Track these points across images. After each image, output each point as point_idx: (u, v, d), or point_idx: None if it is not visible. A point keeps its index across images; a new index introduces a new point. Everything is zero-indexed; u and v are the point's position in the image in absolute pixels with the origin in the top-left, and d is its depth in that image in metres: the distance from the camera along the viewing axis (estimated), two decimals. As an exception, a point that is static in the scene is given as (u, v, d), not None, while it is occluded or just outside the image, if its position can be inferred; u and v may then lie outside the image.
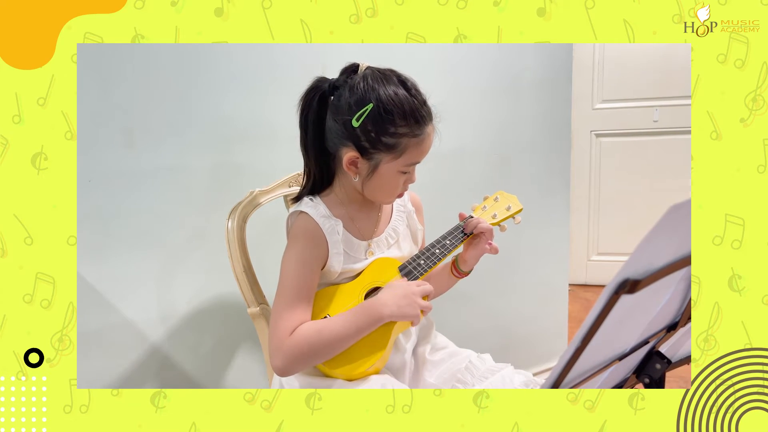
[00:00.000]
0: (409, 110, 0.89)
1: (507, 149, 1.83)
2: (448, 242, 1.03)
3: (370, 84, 0.90)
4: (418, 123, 0.90)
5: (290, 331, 0.90)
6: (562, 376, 0.55)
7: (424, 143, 0.93)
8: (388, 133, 0.89)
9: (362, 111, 0.89)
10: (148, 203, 1.26)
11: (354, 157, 0.93)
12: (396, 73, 0.93)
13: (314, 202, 0.99)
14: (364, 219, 1.03)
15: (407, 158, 0.92)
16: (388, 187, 0.97)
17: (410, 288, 0.93)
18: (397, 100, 0.89)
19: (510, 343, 1.95)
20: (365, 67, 0.93)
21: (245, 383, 1.41)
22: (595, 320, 0.51)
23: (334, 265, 0.97)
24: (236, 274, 1.07)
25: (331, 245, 0.96)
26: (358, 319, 0.90)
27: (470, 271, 1.09)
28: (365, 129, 0.90)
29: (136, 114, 1.23)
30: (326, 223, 0.96)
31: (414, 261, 1.01)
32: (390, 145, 0.90)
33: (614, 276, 0.49)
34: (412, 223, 1.10)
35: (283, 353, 0.89)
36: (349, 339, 0.90)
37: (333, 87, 0.94)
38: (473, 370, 1.02)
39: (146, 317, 1.28)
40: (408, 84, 0.92)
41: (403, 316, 0.91)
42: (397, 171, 0.94)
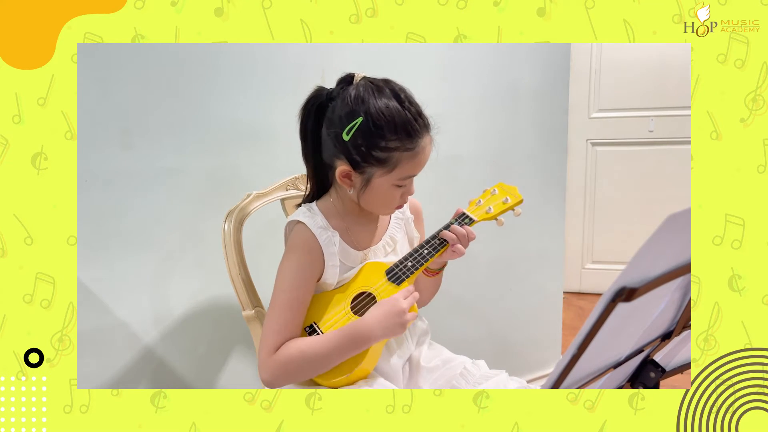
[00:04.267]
0: (400, 123, 0.87)
1: (503, 157, 1.83)
2: (437, 242, 1.01)
3: (361, 96, 0.88)
4: (410, 136, 0.88)
5: (277, 346, 0.90)
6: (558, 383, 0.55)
7: (417, 156, 0.91)
8: (379, 147, 0.88)
9: (352, 125, 0.87)
10: (144, 204, 1.26)
11: (346, 170, 0.92)
12: (390, 84, 0.91)
13: (312, 213, 0.98)
14: (361, 229, 1.02)
15: (401, 172, 0.91)
16: (383, 200, 0.95)
17: (397, 305, 0.92)
18: (387, 114, 0.87)
19: (504, 349, 1.95)
20: (360, 78, 0.92)
21: (240, 386, 1.40)
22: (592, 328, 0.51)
23: (329, 278, 0.97)
24: (232, 277, 1.07)
25: (327, 257, 0.96)
26: (343, 342, 0.90)
27: (441, 268, 1.07)
28: (356, 143, 0.88)
29: (135, 114, 1.22)
30: (323, 235, 0.96)
31: (401, 263, 0.99)
32: (381, 159, 0.89)
33: (611, 284, 0.49)
34: (410, 231, 1.10)
35: (269, 368, 0.90)
36: (333, 359, 0.91)
37: (329, 98, 0.93)
38: (468, 376, 1.02)
39: (141, 318, 1.28)
40: (401, 96, 0.90)
41: (390, 336, 0.92)
42: (391, 185, 0.92)
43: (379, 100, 0.88)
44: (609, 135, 3.05)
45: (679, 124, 2.94)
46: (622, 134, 3.04)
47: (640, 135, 3.01)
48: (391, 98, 0.89)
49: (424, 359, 1.06)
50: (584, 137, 3.08)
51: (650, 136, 2.99)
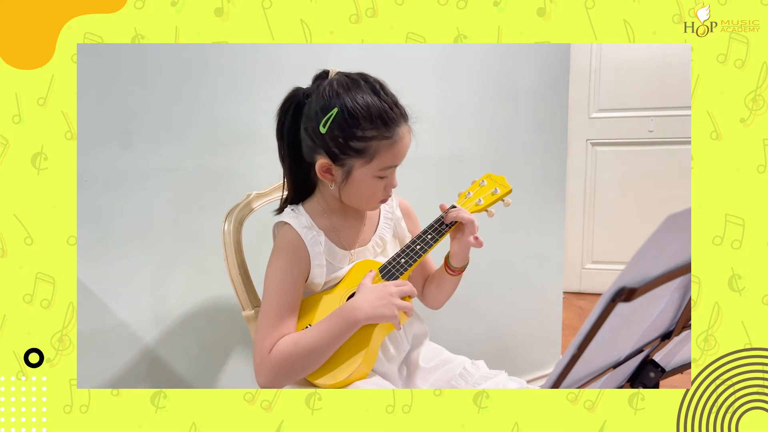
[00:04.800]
0: (375, 112, 0.88)
1: (503, 157, 1.82)
2: (429, 237, 1.00)
3: (335, 89, 0.89)
4: (386, 125, 0.89)
5: (271, 348, 0.90)
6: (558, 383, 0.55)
7: (396, 145, 0.91)
8: (356, 137, 0.88)
9: (328, 116, 0.88)
10: (144, 204, 1.25)
11: (326, 164, 0.92)
12: (365, 76, 0.92)
13: (296, 213, 0.98)
14: (347, 228, 1.02)
15: (380, 162, 0.91)
16: (365, 193, 0.95)
17: (387, 288, 0.91)
18: (362, 103, 0.88)
19: (504, 350, 1.95)
20: (335, 73, 0.93)
21: (240, 386, 1.40)
22: (592, 328, 0.51)
23: (316, 278, 0.97)
24: (231, 277, 1.07)
25: (312, 257, 0.96)
26: (333, 325, 0.90)
27: (464, 266, 1.05)
28: (333, 135, 0.88)
29: (135, 115, 1.22)
30: (308, 234, 0.96)
31: (394, 260, 0.98)
32: (359, 149, 0.89)
33: (611, 284, 0.49)
34: (399, 231, 1.09)
35: (265, 369, 0.90)
36: (326, 347, 0.90)
37: (305, 95, 0.93)
38: (467, 376, 1.01)
39: (140, 318, 1.28)
40: (376, 87, 0.90)
41: (379, 317, 0.90)
42: (372, 176, 0.92)
43: (354, 92, 0.89)
44: (609, 135, 3.05)
45: (679, 124, 2.94)
46: (622, 134, 3.04)
47: (640, 135, 3.01)
48: (365, 89, 0.89)
49: (423, 360, 1.06)
50: (584, 137, 3.08)
51: (650, 136, 2.99)
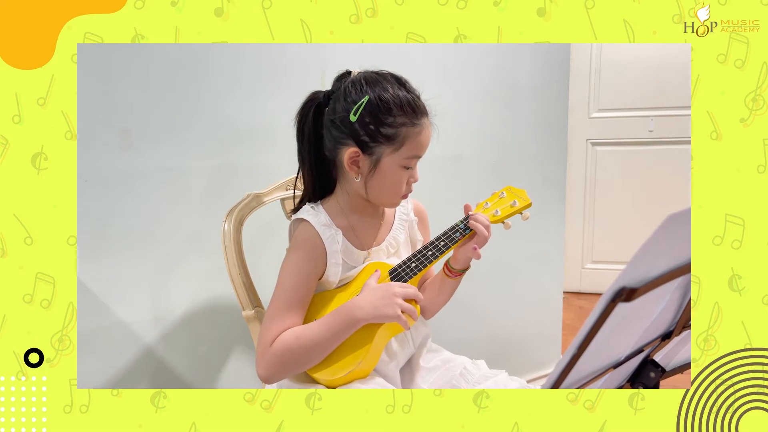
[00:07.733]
0: (405, 101, 0.91)
1: (503, 157, 1.83)
2: (442, 243, 0.99)
3: (362, 83, 0.92)
4: (415, 112, 0.92)
5: (275, 339, 0.90)
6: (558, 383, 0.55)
7: (422, 134, 0.93)
8: (387, 123, 0.90)
9: (359, 104, 0.90)
10: (144, 204, 1.26)
11: (355, 154, 0.93)
12: (389, 72, 0.95)
13: (315, 210, 0.99)
14: (365, 228, 1.03)
15: (408, 150, 0.93)
16: (391, 185, 0.95)
17: (390, 289, 0.91)
18: (392, 92, 0.91)
19: (504, 349, 1.95)
20: (357, 72, 0.95)
21: (240, 386, 1.40)
22: (592, 327, 0.51)
23: (331, 276, 0.97)
24: (232, 277, 1.07)
25: (329, 255, 0.96)
26: (334, 322, 0.90)
27: (464, 270, 1.03)
28: (363, 122, 0.90)
29: (135, 114, 1.23)
30: (326, 232, 0.96)
31: (405, 264, 0.99)
32: (389, 136, 0.91)
33: (611, 284, 0.49)
34: (412, 233, 1.09)
35: (266, 361, 0.90)
36: (327, 343, 0.90)
37: (327, 96, 0.96)
38: (468, 376, 1.01)
39: (141, 318, 1.28)
40: (402, 80, 0.94)
41: (380, 317, 0.90)
42: (399, 165, 0.94)
43: (383, 83, 0.92)
44: (609, 135, 3.05)
45: (679, 124, 2.94)
46: (622, 134, 3.04)
47: (640, 135, 3.01)
48: (392, 82, 0.93)
49: (424, 360, 1.06)
50: (584, 137, 3.08)
51: (650, 136, 3.00)
